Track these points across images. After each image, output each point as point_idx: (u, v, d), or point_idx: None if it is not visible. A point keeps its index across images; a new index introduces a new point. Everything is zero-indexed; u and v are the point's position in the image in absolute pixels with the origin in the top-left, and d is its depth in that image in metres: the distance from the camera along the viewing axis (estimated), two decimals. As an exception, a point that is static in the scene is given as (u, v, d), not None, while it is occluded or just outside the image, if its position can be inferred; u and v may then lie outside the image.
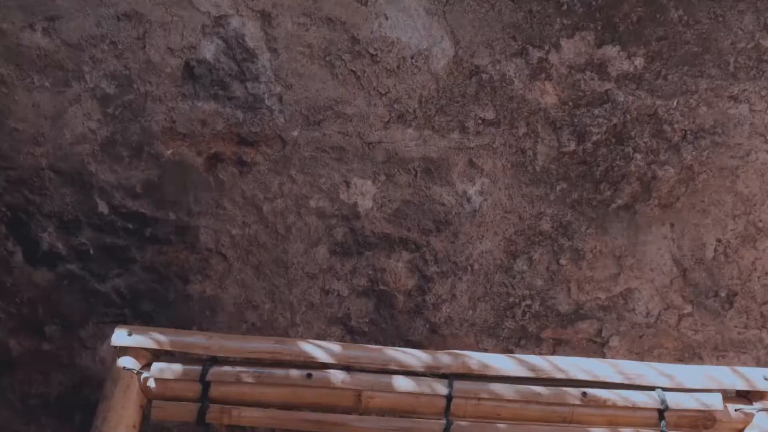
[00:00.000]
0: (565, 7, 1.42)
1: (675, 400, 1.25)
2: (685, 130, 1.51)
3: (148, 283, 1.61)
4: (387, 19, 1.45)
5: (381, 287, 1.60)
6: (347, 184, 1.53)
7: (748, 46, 1.47)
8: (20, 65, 1.50)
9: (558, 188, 1.50)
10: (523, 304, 1.57)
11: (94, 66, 1.50)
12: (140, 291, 1.61)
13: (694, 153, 1.49)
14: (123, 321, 1.59)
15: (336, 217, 1.55)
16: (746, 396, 1.30)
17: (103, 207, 1.58)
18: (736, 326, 1.57)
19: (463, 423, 1.28)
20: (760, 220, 1.48)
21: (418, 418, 1.29)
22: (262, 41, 1.46)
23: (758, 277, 1.54)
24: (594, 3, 1.43)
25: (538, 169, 1.49)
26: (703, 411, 1.27)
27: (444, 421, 1.26)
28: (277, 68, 1.46)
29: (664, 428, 1.25)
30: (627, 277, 1.56)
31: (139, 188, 1.56)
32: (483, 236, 1.54)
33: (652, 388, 1.27)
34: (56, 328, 1.68)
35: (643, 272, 1.56)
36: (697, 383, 1.28)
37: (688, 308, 1.57)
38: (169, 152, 1.56)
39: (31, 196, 1.58)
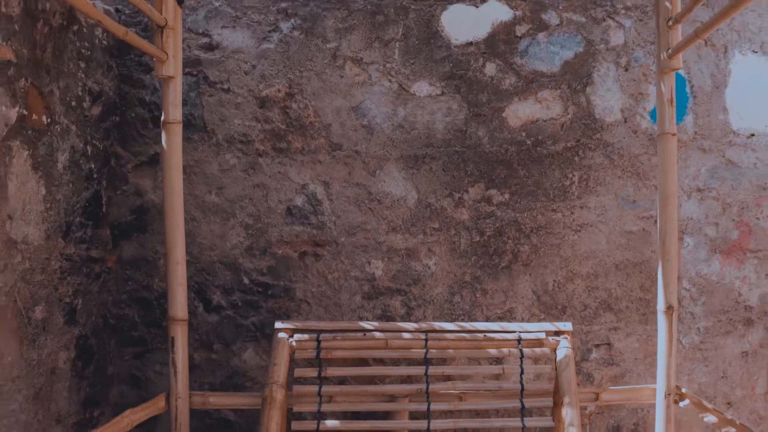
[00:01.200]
0: (469, 173, 2.72)
1: (525, 336, 2.29)
2: (532, 227, 2.64)
3: (270, 319, 2.63)
4: (385, 182, 2.68)
5: (388, 314, 2.65)
6: (369, 263, 2.64)
7: (553, 186, 2.72)
8: (204, 211, 2.70)
9: (473, 259, 2.74)
10: (459, 318, 2.74)
11: (241, 210, 2.70)
12: (265, 324, 2.64)
13: (537, 238, 2.71)
14: (257, 341, 2.80)
15: (364, 280, 2.66)
16: (557, 333, 2.32)
17: (246, 280, 2.70)
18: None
19: (434, 350, 2.26)
20: (574, 270, 2.72)
21: (412, 349, 2.28)
22: (325, 195, 2.71)
23: (576, 298, 2.68)
24: (483, 170, 2.69)
25: (462, 250, 2.73)
26: (537, 339, 2.29)
27: (425, 350, 2.27)
28: (333, 209, 2.73)
29: (521, 347, 2.27)
30: (510, 302, 2.67)
31: (265, 270, 2.70)
32: (437, 285, 2.66)
33: (515, 332, 2.32)
34: (220, 345, 2.64)
35: (518, 299, 2.67)
36: (535, 329, 2.32)
37: (543, 316, 2.64)
38: (280, 252, 2.66)
39: (208, 277, 2.70)
